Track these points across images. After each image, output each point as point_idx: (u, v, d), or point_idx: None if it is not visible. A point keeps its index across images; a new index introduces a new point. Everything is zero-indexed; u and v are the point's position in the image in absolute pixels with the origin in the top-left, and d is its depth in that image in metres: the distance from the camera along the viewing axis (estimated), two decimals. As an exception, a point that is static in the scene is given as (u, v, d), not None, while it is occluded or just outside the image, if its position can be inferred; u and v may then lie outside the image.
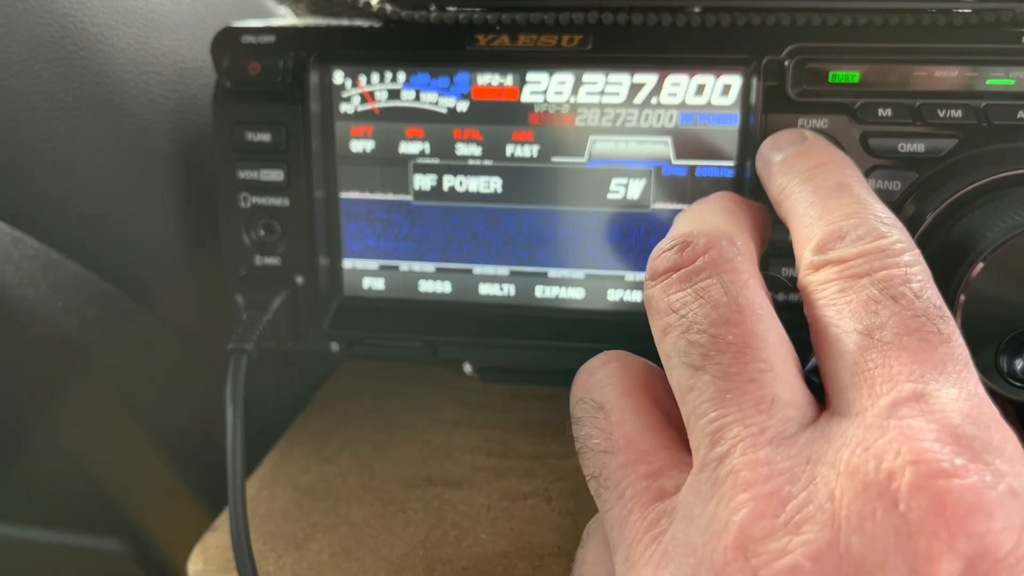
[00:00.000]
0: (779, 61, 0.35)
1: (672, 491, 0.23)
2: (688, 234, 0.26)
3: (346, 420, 0.51)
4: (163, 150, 0.41)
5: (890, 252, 0.23)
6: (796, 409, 0.22)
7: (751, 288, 0.24)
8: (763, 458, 0.21)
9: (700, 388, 0.23)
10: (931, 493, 0.18)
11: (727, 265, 0.24)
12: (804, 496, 0.20)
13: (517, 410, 0.51)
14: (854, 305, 0.23)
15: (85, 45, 0.37)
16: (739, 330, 0.23)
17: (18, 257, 0.37)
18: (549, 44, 0.37)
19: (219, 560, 0.40)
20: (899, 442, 0.19)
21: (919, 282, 0.23)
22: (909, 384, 0.21)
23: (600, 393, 0.27)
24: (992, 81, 0.34)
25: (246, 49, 0.39)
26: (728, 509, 0.20)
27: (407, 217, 0.41)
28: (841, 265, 0.24)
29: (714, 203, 0.30)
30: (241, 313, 0.40)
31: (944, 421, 0.20)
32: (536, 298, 0.41)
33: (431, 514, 0.42)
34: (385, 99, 0.39)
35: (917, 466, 0.19)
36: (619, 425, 0.25)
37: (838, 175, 0.28)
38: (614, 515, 0.24)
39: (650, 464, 0.24)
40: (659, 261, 0.26)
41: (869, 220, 0.25)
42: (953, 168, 0.34)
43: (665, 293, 0.25)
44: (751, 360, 0.22)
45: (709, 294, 0.24)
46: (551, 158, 0.39)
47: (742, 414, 0.22)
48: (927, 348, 0.21)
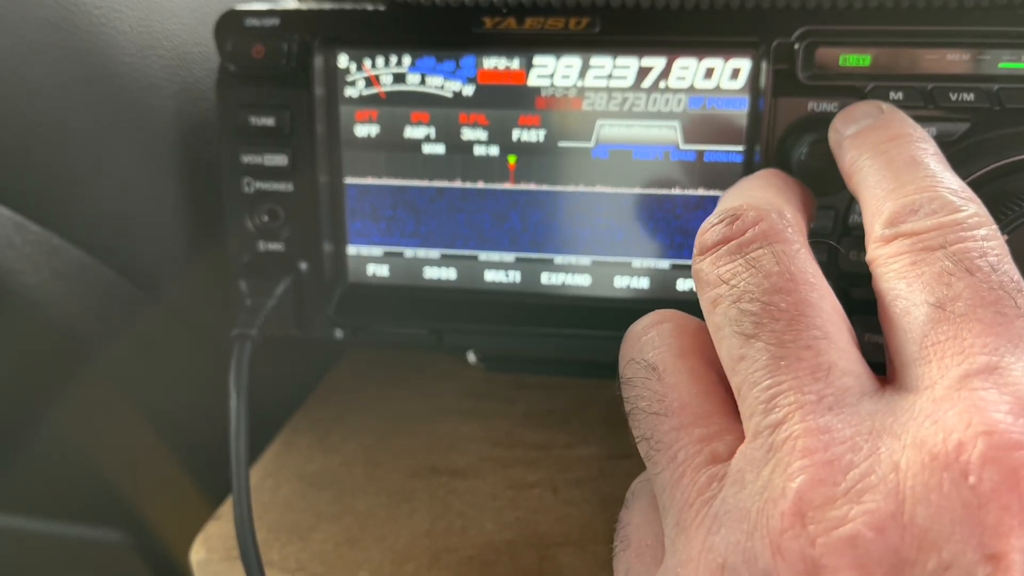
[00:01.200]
0: (789, 44, 0.35)
1: (726, 456, 0.22)
2: (738, 208, 0.25)
3: (350, 409, 0.50)
4: (166, 135, 0.41)
5: (966, 226, 0.23)
6: (855, 378, 0.22)
7: (803, 257, 0.24)
8: (823, 425, 0.20)
9: (753, 356, 0.22)
10: (1003, 465, 0.18)
11: (778, 236, 0.24)
12: (866, 465, 0.19)
13: (522, 400, 0.51)
14: (926, 277, 0.22)
15: (87, 29, 0.37)
16: (792, 298, 0.23)
17: (19, 242, 0.37)
18: (556, 27, 0.37)
19: (222, 549, 0.40)
20: (970, 413, 0.19)
21: (996, 255, 0.22)
22: (983, 356, 0.20)
23: (653, 354, 0.26)
24: (1004, 64, 0.34)
25: (250, 32, 0.38)
26: (785, 475, 0.20)
27: (412, 203, 0.40)
28: (914, 238, 0.23)
29: (761, 179, 0.30)
30: (245, 299, 0.40)
31: (1019, 394, 0.19)
32: (542, 285, 0.40)
33: (436, 504, 0.42)
34: (390, 83, 0.39)
35: (990, 437, 0.18)
36: (673, 388, 0.25)
37: (912, 148, 0.27)
38: (665, 478, 0.23)
39: (704, 428, 0.23)
40: (708, 235, 0.25)
41: (943, 194, 0.24)
42: (965, 152, 0.34)
43: (715, 265, 0.25)
44: (805, 327, 0.22)
45: (761, 264, 0.24)
46: (558, 143, 0.38)
47: (798, 381, 0.21)
48: (1003, 321, 0.21)
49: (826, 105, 0.35)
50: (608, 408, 0.50)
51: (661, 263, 0.39)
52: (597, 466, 0.45)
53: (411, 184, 0.40)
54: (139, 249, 0.42)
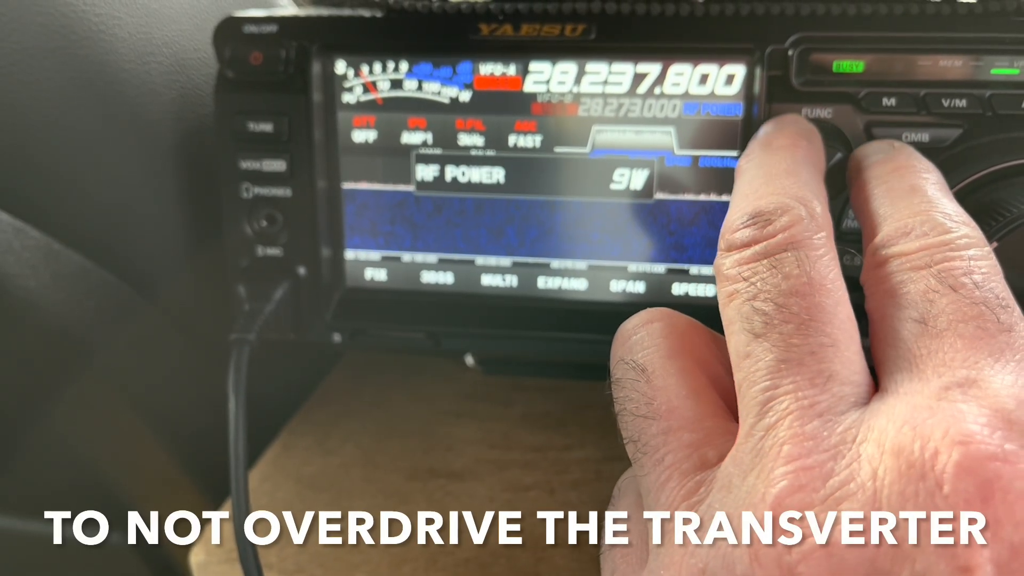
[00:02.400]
0: (783, 50, 0.35)
1: (715, 460, 0.23)
2: (767, 209, 0.25)
3: (348, 412, 0.51)
4: (165, 140, 0.41)
5: (954, 246, 0.23)
6: (852, 387, 0.22)
7: (824, 263, 0.24)
8: (809, 432, 0.21)
9: (757, 355, 0.22)
10: (977, 476, 0.18)
11: (806, 242, 0.24)
12: (846, 473, 0.19)
13: (519, 403, 0.51)
14: (912, 295, 0.23)
15: (86, 35, 0.37)
16: (806, 302, 0.23)
17: (19, 247, 0.37)
18: (552, 33, 0.37)
19: (221, 552, 0.40)
20: (947, 423, 0.19)
21: (983, 273, 0.22)
22: (962, 370, 0.20)
23: (642, 354, 0.26)
24: (997, 71, 0.34)
25: (248, 39, 0.39)
26: (767, 481, 0.20)
27: (409, 208, 0.40)
28: (903, 258, 0.24)
29: (780, 160, 0.28)
30: (243, 304, 0.40)
31: (996, 406, 0.19)
32: (539, 289, 0.41)
33: (433, 505, 0.42)
34: (387, 89, 0.39)
35: (965, 447, 0.18)
36: (661, 390, 0.25)
37: (913, 178, 0.27)
38: (650, 480, 0.24)
39: (693, 432, 0.24)
40: (737, 236, 0.25)
41: (935, 217, 0.24)
42: (957, 158, 0.34)
43: (738, 264, 0.25)
44: (814, 333, 0.22)
45: (782, 265, 0.24)
46: (554, 148, 0.38)
47: (795, 386, 0.21)
48: (984, 336, 0.21)
49: (820, 111, 0.35)
50: (605, 411, 0.50)
51: (656, 267, 0.39)
52: (594, 468, 0.45)
53: (408, 189, 0.40)
54: (138, 253, 0.42)
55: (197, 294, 0.45)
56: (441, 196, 0.40)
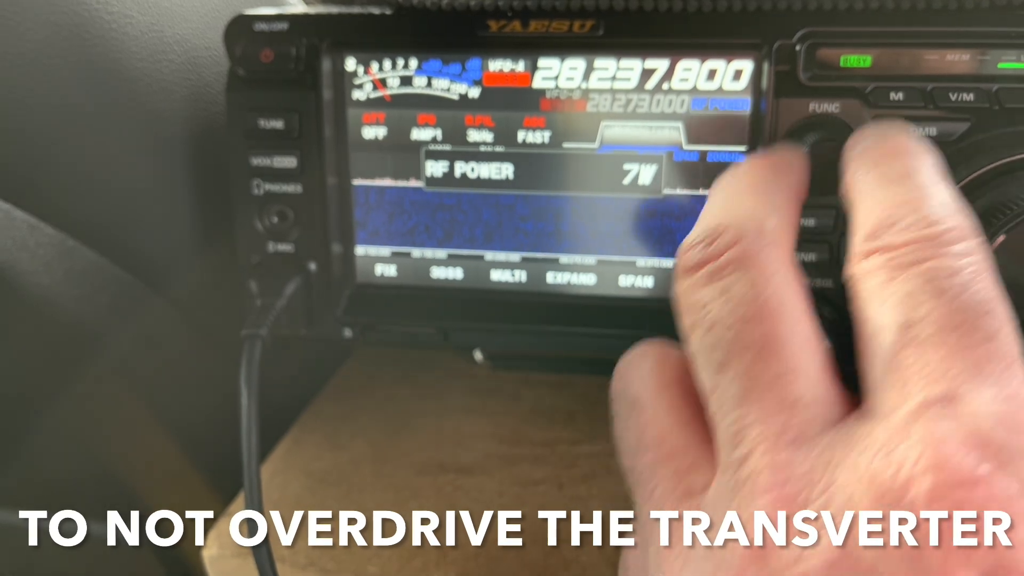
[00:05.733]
0: (790, 45, 0.35)
1: (701, 488, 0.23)
2: (716, 227, 0.25)
3: (359, 407, 0.51)
4: (177, 137, 0.42)
5: (940, 241, 0.22)
6: (821, 407, 0.22)
7: (777, 282, 0.23)
8: (782, 461, 0.21)
9: (723, 387, 0.22)
10: (949, 503, 0.18)
11: (753, 260, 0.23)
12: (821, 501, 0.19)
13: (528, 397, 0.51)
14: (896, 299, 0.22)
15: (99, 33, 0.37)
16: (762, 328, 0.22)
17: (34, 244, 0.38)
18: (560, 30, 0.37)
19: (234, 545, 0.41)
20: (921, 446, 0.19)
21: (971, 272, 0.21)
22: (942, 384, 0.20)
23: (635, 388, 0.26)
24: (1004, 64, 0.34)
25: (259, 36, 0.39)
26: (747, 512, 0.20)
27: (419, 204, 0.41)
28: (889, 253, 0.22)
29: (746, 178, 0.28)
30: (255, 299, 0.40)
31: (973, 425, 0.19)
32: (548, 284, 0.41)
33: (443, 500, 0.42)
34: (397, 86, 0.39)
35: (937, 474, 0.18)
36: (652, 423, 0.25)
37: (906, 163, 0.26)
38: (645, 512, 0.24)
39: (679, 461, 0.24)
40: (687, 257, 0.25)
41: (924, 207, 0.23)
42: (965, 152, 0.34)
43: (692, 290, 0.24)
44: (773, 360, 0.22)
45: (733, 291, 0.23)
46: (563, 144, 0.39)
47: (763, 414, 0.21)
48: (967, 346, 0.20)
49: (827, 105, 0.35)
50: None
51: (665, 262, 0.40)
52: (603, 463, 0.45)
53: (418, 185, 0.40)
54: (151, 249, 0.43)
55: (209, 290, 0.45)
56: (450, 192, 0.40)
